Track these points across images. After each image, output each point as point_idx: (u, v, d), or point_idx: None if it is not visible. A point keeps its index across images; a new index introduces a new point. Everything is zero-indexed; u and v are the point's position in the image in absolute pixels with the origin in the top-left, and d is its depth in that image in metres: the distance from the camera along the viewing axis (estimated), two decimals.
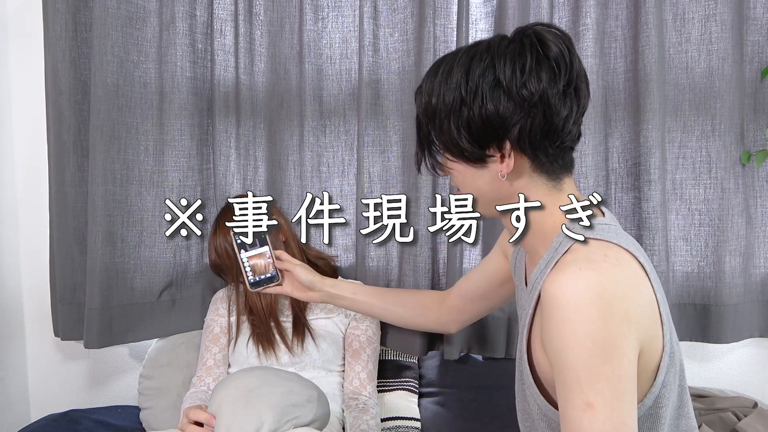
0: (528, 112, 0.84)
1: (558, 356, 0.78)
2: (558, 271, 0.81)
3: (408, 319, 1.32)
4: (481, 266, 1.23)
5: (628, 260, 0.83)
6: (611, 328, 0.76)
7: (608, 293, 0.77)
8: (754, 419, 1.38)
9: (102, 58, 1.49)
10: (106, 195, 1.52)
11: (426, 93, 0.92)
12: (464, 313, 1.26)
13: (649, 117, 1.48)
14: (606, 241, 0.84)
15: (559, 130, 0.86)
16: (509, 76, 0.84)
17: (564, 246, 0.86)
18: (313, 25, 1.62)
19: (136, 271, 1.58)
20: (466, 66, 0.87)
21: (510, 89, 0.84)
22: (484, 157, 0.89)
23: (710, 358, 1.69)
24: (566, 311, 0.77)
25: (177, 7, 1.57)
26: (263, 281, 1.26)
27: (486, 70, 0.85)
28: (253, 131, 1.65)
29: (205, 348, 1.49)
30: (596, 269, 0.79)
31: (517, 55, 0.85)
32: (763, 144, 1.57)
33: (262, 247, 1.24)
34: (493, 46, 0.87)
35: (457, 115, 0.87)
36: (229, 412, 1.06)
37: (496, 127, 0.86)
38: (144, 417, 1.57)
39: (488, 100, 0.85)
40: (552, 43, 0.85)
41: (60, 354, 1.74)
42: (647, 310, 0.82)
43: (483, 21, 1.59)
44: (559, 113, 0.85)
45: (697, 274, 1.59)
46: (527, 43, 0.86)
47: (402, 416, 1.50)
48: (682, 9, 1.55)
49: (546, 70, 0.84)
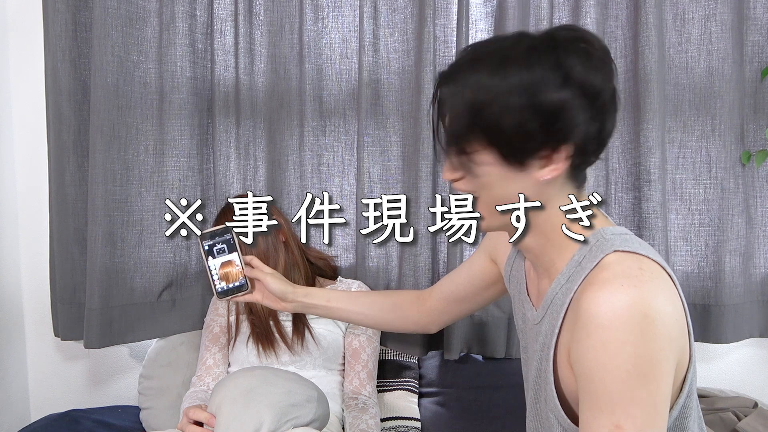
0: (596, 111, 0.80)
1: (591, 375, 0.75)
2: (597, 288, 0.77)
3: (387, 322, 1.27)
4: (465, 268, 1.18)
5: (660, 272, 0.80)
6: (654, 350, 0.73)
7: (653, 311, 0.73)
8: (755, 419, 1.38)
9: (102, 58, 1.49)
10: (106, 195, 1.52)
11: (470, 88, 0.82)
12: (445, 315, 1.22)
13: (649, 117, 1.48)
14: (635, 253, 0.81)
15: (607, 135, 0.83)
16: (578, 72, 0.78)
17: (589, 260, 0.82)
18: (313, 25, 1.62)
19: (136, 271, 1.58)
20: (524, 57, 0.80)
21: (580, 85, 0.78)
22: (531, 158, 0.82)
23: (710, 358, 1.69)
24: (608, 331, 0.73)
25: (177, 7, 1.57)
26: (231, 290, 1.19)
27: (555, 64, 0.79)
28: (253, 131, 1.65)
29: (205, 348, 1.50)
30: (637, 285, 0.75)
31: (582, 51, 0.80)
32: (763, 144, 1.57)
33: (231, 253, 1.19)
34: (552, 40, 0.81)
35: (515, 111, 0.79)
36: (228, 411, 1.06)
37: (561, 126, 0.79)
38: (144, 417, 1.57)
39: (557, 95, 0.78)
40: (599, 44, 0.82)
41: (60, 354, 1.74)
42: (681, 323, 0.79)
43: (483, 21, 1.59)
44: (613, 117, 0.82)
45: (697, 274, 1.59)
46: (588, 41, 0.81)
47: (402, 416, 1.49)
48: (682, 9, 1.55)
49: (608, 69, 0.81)
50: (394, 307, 1.24)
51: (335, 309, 1.23)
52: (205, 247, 1.20)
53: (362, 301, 1.25)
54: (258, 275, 1.20)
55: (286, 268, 1.46)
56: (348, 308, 1.23)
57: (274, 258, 1.44)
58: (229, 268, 1.20)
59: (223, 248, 1.20)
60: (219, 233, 1.19)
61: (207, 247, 1.20)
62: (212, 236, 1.20)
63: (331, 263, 1.60)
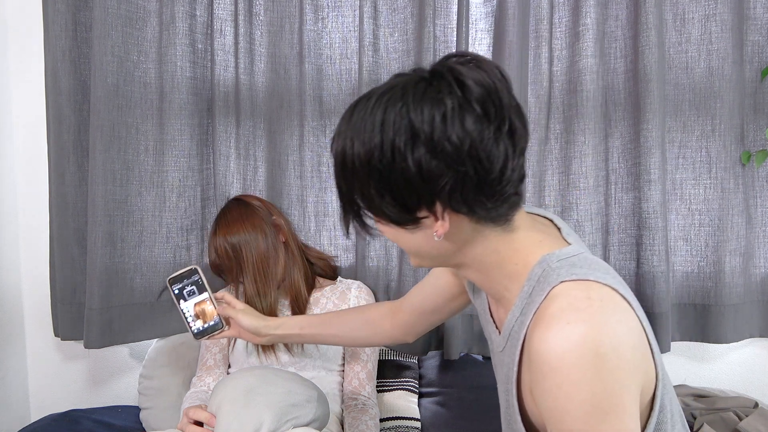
0: (456, 168, 0.73)
1: (553, 416, 0.73)
2: (544, 327, 0.72)
3: (361, 339, 1.26)
4: (430, 281, 1.14)
5: (610, 296, 0.75)
6: (611, 386, 0.70)
7: (604, 346, 0.69)
8: (756, 419, 1.38)
9: (102, 58, 1.49)
10: (106, 195, 1.52)
11: (340, 143, 0.78)
12: (417, 326, 1.20)
13: (649, 117, 1.48)
14: (583, 280, 0.76)
15: (495, 181, 0.75)
16: (428, 128, 0.72)
17: (538, 292, 0.78)
18: (313, 25, 1.62)
19: (136, 271, 1.58)
20: (380, 116, 0.74)
21: (431, 143, 0.72)
22: (415, 219, 0.78)
23: (710, 358, 1.69)
24: (561, 374, 0.70)
25: (177, 7, 1.57)
26: (207, 329, 1.23)
27: (401, 121, 0.73)
28: (253, 131, 1.65)
29: (206, 348, 1.50)
30: (586, 320, 0.71)
31: (434, 100, 0.72)
32: (763, 144, 1.57)
33: (201, 294, 1.23)
34: (407, 90, 0.74)
35: (375, 176, 0.75)
36: (228, 412, 1.06)
37: (422, 188, 0.74)
38: (144, 417, 1.57)
39: (409, 159, 0.72)
40: (472, 81, 0.73)
41: (60, 354, 1.74)
42: (640, 346, 0.75)
43: (483, 21, 1.59)
44: (493, 163, 0.73)
45: (697, 274, 1.59)
46: (444, 85, 0.73)
47: (402, 416, 1.49)
48: (682, 9, 1.55)
49: (470, 114, 0.72)
50: (367, 324, 1.24)
51: (309, 336, 1.25)
52: (175, 291, 1.23)
53: (334, 322, 1.25)
54: (230, 313, 1.22)
55: (286, 268, 1.46)
56: (321, 333, 1.25)
57: (274, 258, 1.44)
58: (202, 307, 1.23)
59: (192, 290, 1.23)
60: (186, 275, 1.23)
61: (177, 291, 1.23)
62: (180, 279, 1.23)
63: (331, 263, 1.60)
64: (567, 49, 1.57)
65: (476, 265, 0.85)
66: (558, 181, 1.59)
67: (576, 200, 1.56)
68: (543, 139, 1.58)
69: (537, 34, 1.56)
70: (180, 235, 1.61)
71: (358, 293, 1.52)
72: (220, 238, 1.45)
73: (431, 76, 0.76)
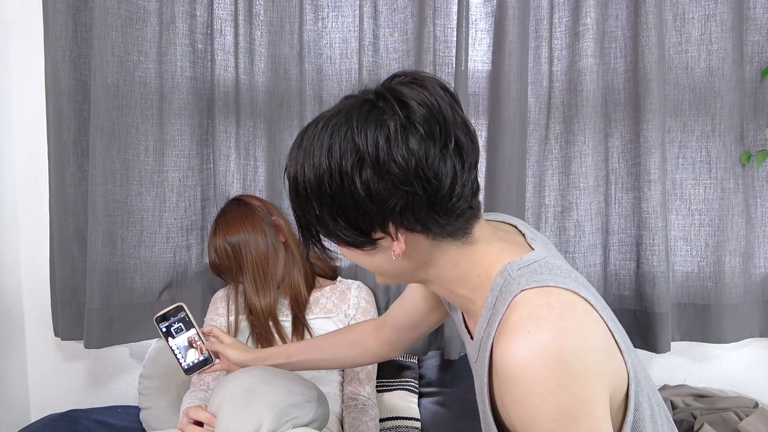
0: (405, 189, 0.73)
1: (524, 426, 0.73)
2: (507, 338, 0.72)
3: (348, 360, 1.26)
4: (408, 296, 1.15)
5: (572, 300, 0.75)
6: (577, 392, 0.70)
7: (566, 353, 0.69)
8: (756, 419, 1.38)
9: (102, 58, 1.49)
10: (106, 195, 1.52)
11: (292, 169, 0.79)
12: (401, 342, 1.21)
13: (649, 117, 1.49)
14: (543, 286, 0.76)
15: (446, 198, 0.76)
16: (373, 150, 0.73)
17: (501, 302, 0.78)
18: (313, 25, 1.62)
19: (136, 271, 1.58)
20: (327, 141, 0.75)
21: (377, 166, 0.73)
22: (372, 241, 0.79)
23: (710, 358, 1.69)
24: (525, 385, 0.70)
25: (177, 7, 1.57)
26: (197, 365, 1.26)
27: (347, 145, 0.74)
28: (253, 131, 1.65)
29: None
30: (546, 328, 0.70)
31: (378, 123, 0.73)
32: (763, 144, 1.57)
33: (189, 330, 1.25)
34: (352, 114, 0.75)
35: (327, 201, 0.76)
36: (228, 412, 1.06)
37: (373, 210, 0.75)
38: (144, 417, 1.57)
39: (357, 182, 0.74)
40: (414, 102, 0.74)
41: (60, 354, 1.74)
42: (606, 347, 0.75)
43: (483, 21, 1.59)
44: (441, 180, 0.74)
45: (697, 274, 1.59)
46: (387, 107, 0.74)
47: (402, 416, 1.49)
48: (682, 9, 1.55)
49: (414, 135, 0.73)
50: (353, 345, 1.24)
51: (297, 363, 1.26)
52: (163, 329, 1.26)
53: (321, 347, 1.26)
54: (218, 348, 1.25)
55: (286, 268, 1.46)
56: (309, 358, 1.26)
57: (273, 258, 1.44)
58: (191, 344, 1.26)
59: (180, 327, 1.26)
60: (172, 313, 1.26)
61: (164, 329, 1.26)
62: (166, 317, 1.26)
63: (330, 263, 1.60)
64: (567, 49, 1.57)
65: (439, 281, 0.86)
66: (558, 181, 1.59)
67: (576, 200, 1.56)
68: (543, 139, 1.58)
69: (537, 34, 1.56)
70: (180, 235, 1.61)
71: (357, 293, 1.52)
72: (219, 238, 1.45)
73: (376, 98, 0.76)
